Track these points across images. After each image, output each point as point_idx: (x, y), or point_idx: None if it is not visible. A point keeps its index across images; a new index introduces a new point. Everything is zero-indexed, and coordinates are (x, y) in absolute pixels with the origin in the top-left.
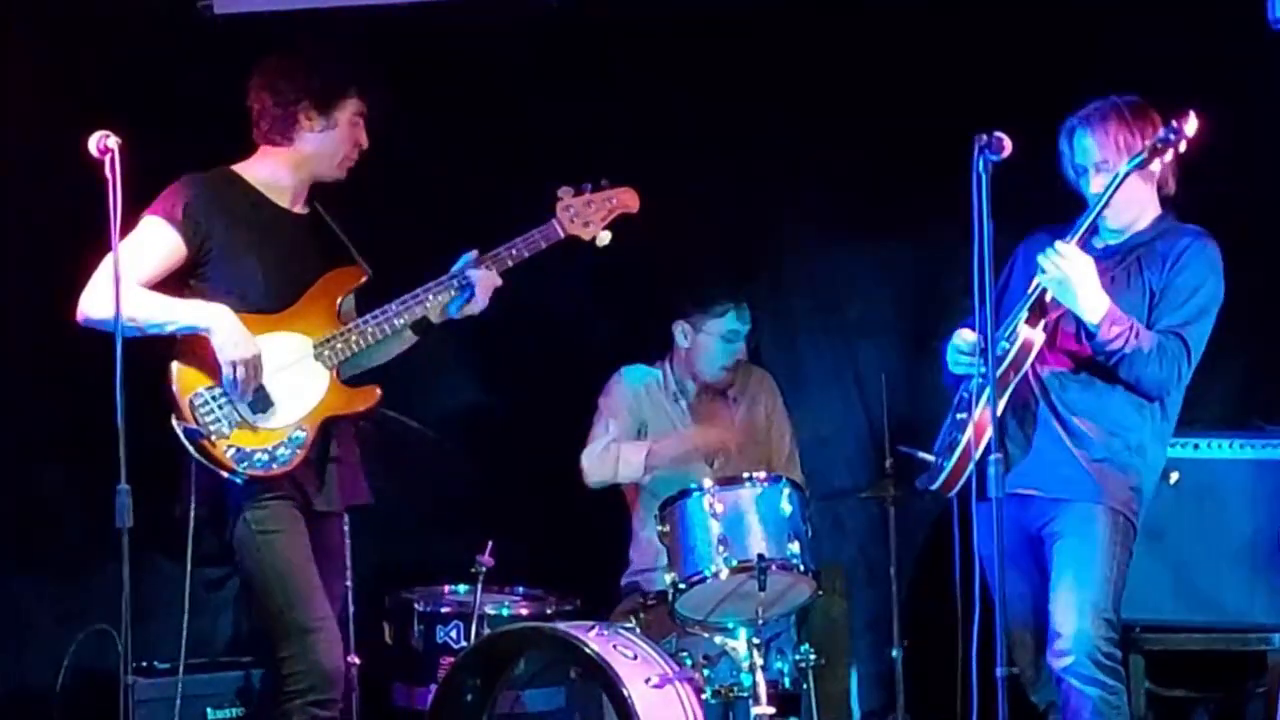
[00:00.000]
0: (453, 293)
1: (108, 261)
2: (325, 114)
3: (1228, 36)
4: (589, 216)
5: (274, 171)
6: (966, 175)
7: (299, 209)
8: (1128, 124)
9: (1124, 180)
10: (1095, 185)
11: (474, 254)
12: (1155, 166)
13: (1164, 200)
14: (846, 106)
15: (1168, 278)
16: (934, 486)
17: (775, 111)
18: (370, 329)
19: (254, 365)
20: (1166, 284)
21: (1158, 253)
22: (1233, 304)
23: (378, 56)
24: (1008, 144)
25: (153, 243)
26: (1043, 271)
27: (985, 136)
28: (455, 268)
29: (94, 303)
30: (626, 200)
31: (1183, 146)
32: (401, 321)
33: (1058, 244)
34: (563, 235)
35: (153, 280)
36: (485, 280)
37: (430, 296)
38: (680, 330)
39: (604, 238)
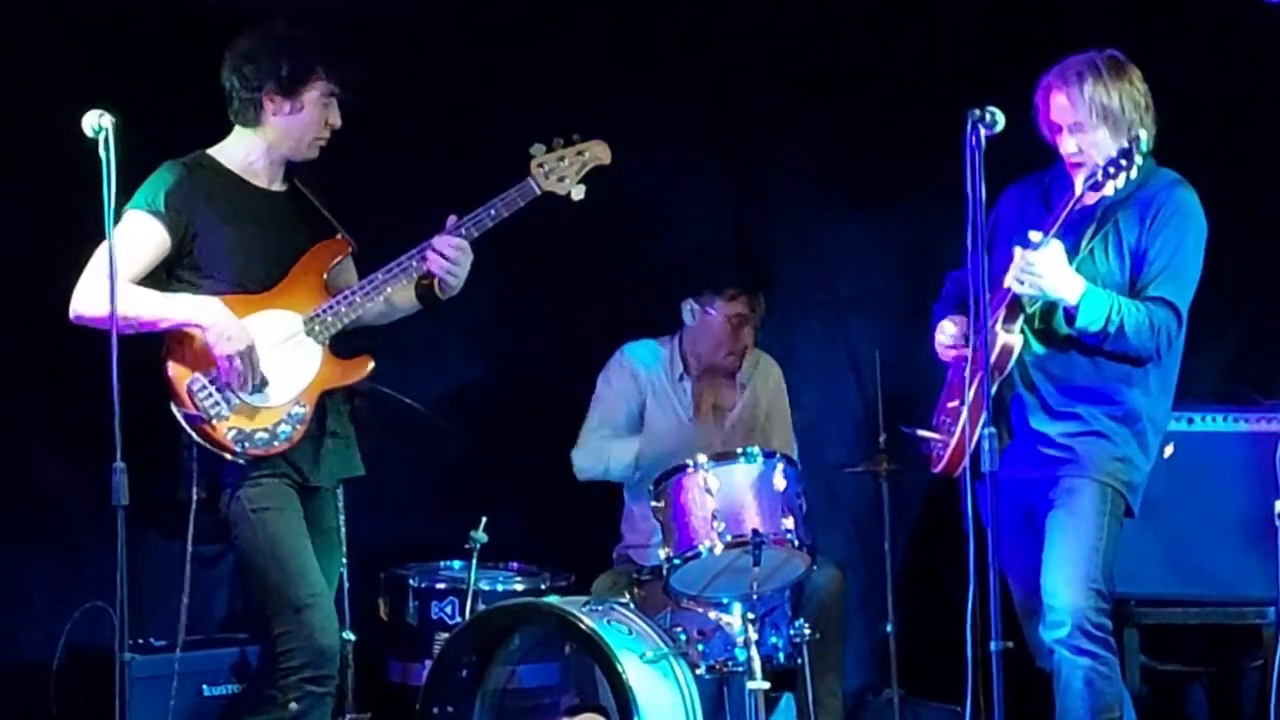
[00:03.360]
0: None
1: (97, 257)
2: (290, 98)
3: (1220, 8)
4: (563, 172)
5: (247, 153)
6: (959, 148)
7: (276, 187)
8: (1104, 83)
9: (1080, 200)
10: (1067, 145)
11: (453, 218)
12: (1109, 189)
13: (1137, 148)
14: (838, 79)
15: (1147, 239)
16: (938, 470)
17: (766, 85)
18: (358, 299)
19: (249, 356)
20: (1147, 245)
21: (1134, 210)
22: (1225, 278)
23: (357, 26)
24: (1001, 118)
25: (138, 236)
26: (1019, 281)
27: (978, 111)
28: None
29: (86, 301)
30: (599, 153)
31: (1134, 173)
32: (389, 290)
33: (1021, 254)
34: (539, 192)
35: (143, 274)
36: (447, 245)
37: (415, 262)
38: (688, 309)
39: (579, 192)
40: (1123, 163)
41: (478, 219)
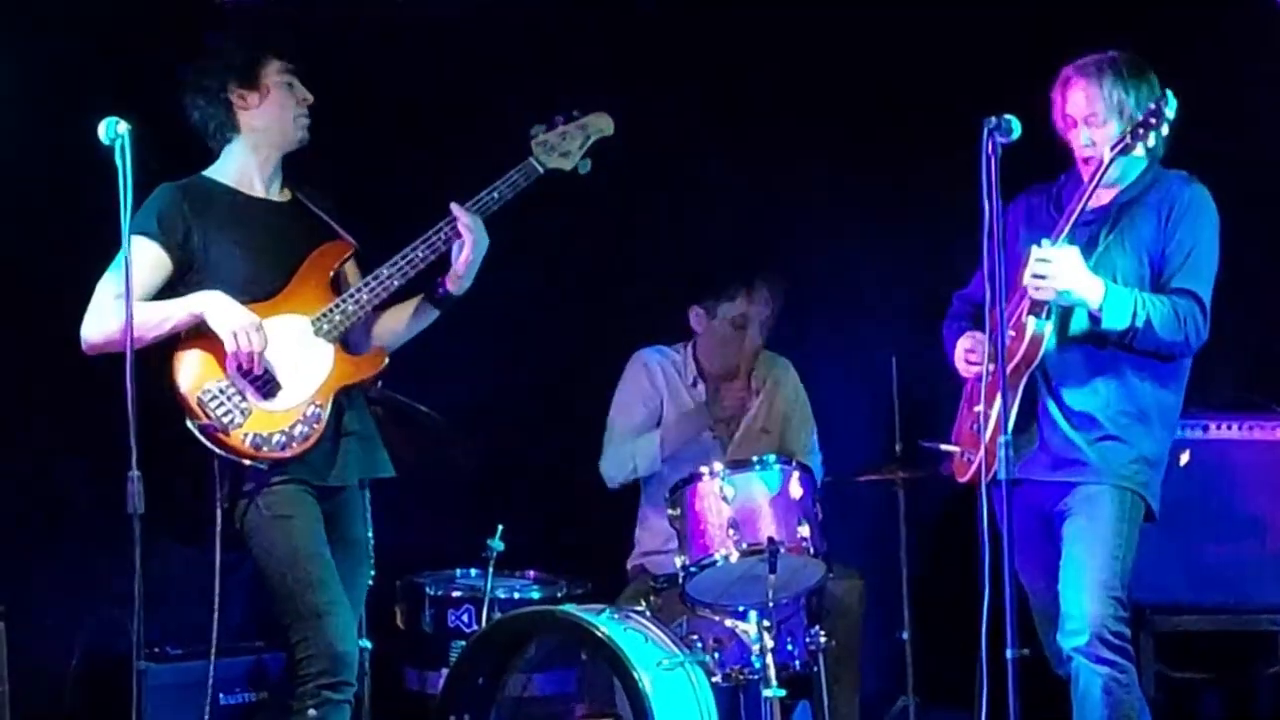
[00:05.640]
0: (441, 245)
1: (100, 287)
2: (254, 88)
3: (1229, 11)
4: (566, 148)
5: (239, 163)
6: (976, 153)
7: (276, 195)
8: (1122, 78)
9: (1109, 165)
10: (1081, 138)
11: (455, 205)
12: (1139, 150)
13: (1147, 150)
14: (855, 84)
15: (1165, 235)
16: (966, 479)
17: (783, 90)
18: (365, 295)
19: (255, 329)
20: (1165, 241)
21: (1149, 208)
22: (1240, 286)
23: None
24: (1016, 126)
25: (136, 259)
26: (1034, 287)
27: (994, 119)
28: None
29: (92, 328)
30: (601, 124)
31: (1165, 130)
32: (395, 283)
33: (1034, 253)
34: (542, 170)
35: (143, 296)
36: (464, 219)
37: (420, 254)
38: (694, 315)
39: (585, 166)
40: (1152, 121)
41: (480, 203)
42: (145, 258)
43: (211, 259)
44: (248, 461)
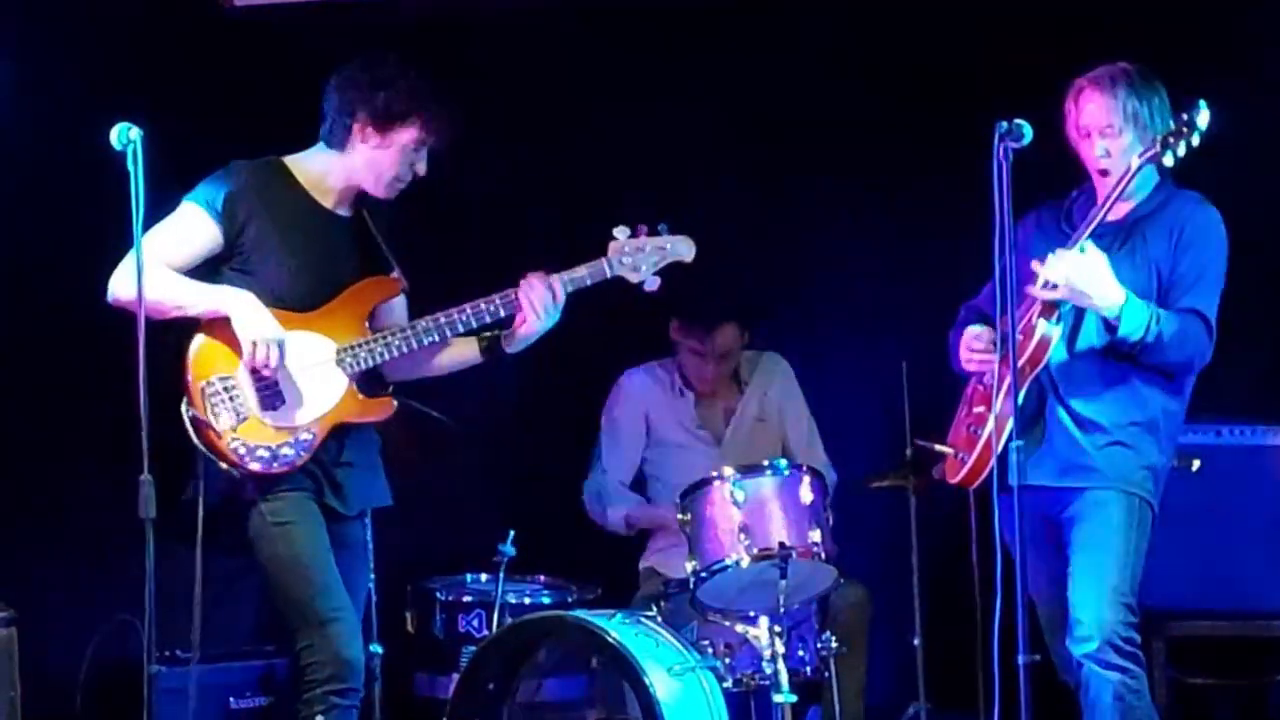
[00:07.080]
0: (487, 317)
1: (143, 242)
2: (382, 133)
3: (1245, 17)
4: (640, 261)
5: (324, 171)
6: (987, 160)
7: (343, 211)
8: (1135, 89)
9: (1135, 174)
10: (1095, 149)
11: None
12: (1168, 160)
13: (1160, 168)
14: (863, 90)
15: (1176, 255)
16: (956, 480)
17: (791, 97)
18: (396, 342)
19: (275, 344)
20: (1175, 261)
21: (1162, 226)
22: (1254, 291)
23: (414, 54)
24: (1028, 131)
25: (189, 229)
26: (1052, 282)
27: (1005, 124)
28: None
29: (122, 283)
30: (681, 250)
31: (1195, 140)
32: (430, 339)
33: (1060, 253)
34: (609, 275)
35: (185, 266)
36: (531, 293)
37: (463, 318)
38: (673, 327)
39: (653, 284)
40: (1184, 130)
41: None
42: (201, 230)
43: (262, 255)
44: (224, 465)
